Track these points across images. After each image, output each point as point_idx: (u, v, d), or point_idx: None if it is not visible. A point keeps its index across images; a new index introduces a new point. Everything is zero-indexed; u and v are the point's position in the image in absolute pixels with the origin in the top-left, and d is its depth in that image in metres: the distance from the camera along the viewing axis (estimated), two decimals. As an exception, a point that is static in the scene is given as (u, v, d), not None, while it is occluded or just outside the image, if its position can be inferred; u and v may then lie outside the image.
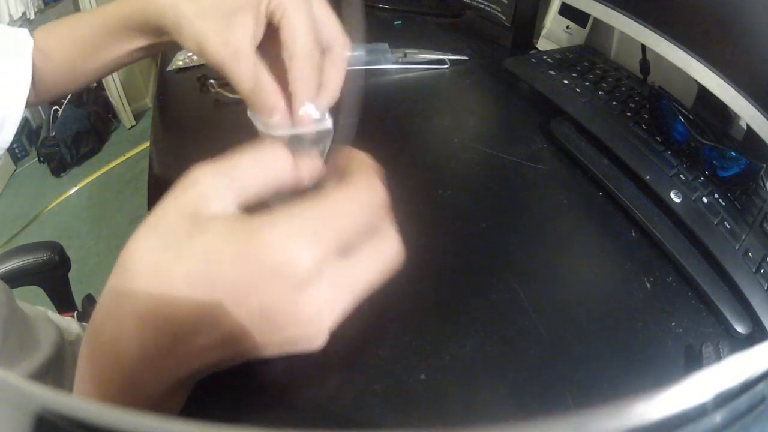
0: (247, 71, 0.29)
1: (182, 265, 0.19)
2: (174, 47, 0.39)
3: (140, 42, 0.38)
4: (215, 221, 0.20)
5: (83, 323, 0.55)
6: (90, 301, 0.61)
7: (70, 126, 1.92)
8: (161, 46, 0.38)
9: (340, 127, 0.32)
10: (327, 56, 0.32)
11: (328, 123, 0.32)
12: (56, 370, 0.41)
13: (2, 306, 0.37)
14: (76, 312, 0.61)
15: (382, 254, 0.22)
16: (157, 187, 0.42)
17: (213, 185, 0.21)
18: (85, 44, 0.39)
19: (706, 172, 0.39)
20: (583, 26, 0.60)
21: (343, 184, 0.22)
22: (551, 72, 0.50)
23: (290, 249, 0.19)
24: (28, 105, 0.41)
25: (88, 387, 0.20)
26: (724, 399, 0.10)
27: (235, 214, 0.21)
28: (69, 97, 1.94)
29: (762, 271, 0.33)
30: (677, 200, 0.36)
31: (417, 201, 0.36)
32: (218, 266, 0.19)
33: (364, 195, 0.22)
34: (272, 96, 0.29)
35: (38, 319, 0.44)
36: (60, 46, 0.40)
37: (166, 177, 0.43)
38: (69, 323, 0.52)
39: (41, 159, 1.92)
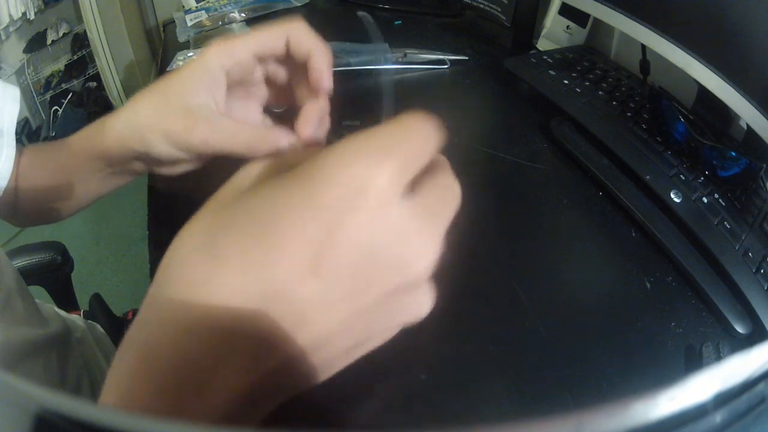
0: (230, 139, 0.29)
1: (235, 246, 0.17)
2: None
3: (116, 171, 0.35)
4: (259, 186, 0.18)
5: (89, 321, 0.56)
6: (98, 300, 0.61)
7: (70, 126, 1.92)
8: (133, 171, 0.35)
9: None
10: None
11: None
12: (60, 353, 0.42)
13: (10, 278, 0.37)
14: (82, 311, 0.62)
15: (450, 192, 0.20)
16: (157, 187, 0.42)
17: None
18: (61, 171, 0.36)
19: (706, 172, 0.39)
20: (583, 26, 0.60)
21: (401, 119, 0.19)
22: (551, 72, 0.50)
23: (363, 162, 0.16)
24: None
25: (119, 397, 0.17)
26: (724, 399, 0.10)
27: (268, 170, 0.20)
28: (69, 97, 1.94)
29: (762, 271, 0.33)
30: (677, 200, 0.36)
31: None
32: (285, 219, 0.16)
33: (426, 125, 0.19)
34: (268, 136, 0.29)
35: (46, 308, 0.45)
36: (40, 170, 0.37)
37: (165, 176, 0.43)
38: (75, 320, 0.52)
39: (41, 159, 1.92)
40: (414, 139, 0.18)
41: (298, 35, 0.29)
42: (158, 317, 0.17)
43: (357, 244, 0.16)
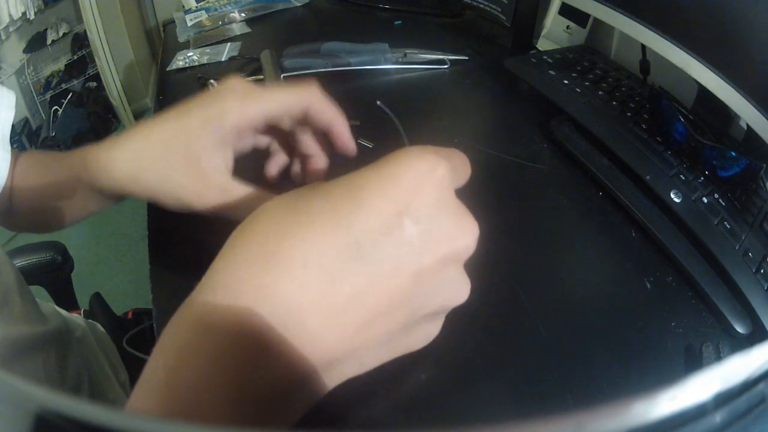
0: (237, 208, 0.29)
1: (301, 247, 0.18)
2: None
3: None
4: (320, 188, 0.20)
5: (89, 320, 0.56)
6: (98, 300, 0.61)
7: (70, 126, 1.92)
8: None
9: None
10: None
11: None
12: (60, 351, 0.42)
13: (8, 275, 0.38)
14: (83, 310, 0.62)
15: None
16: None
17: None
18: (56, 187, 0.35)
19: (706, 172, 0.39)
20: (583, 26, 0.60)
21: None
22: (551, 72, 0.50)
23: (430, 156, 0.20)
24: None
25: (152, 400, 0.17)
26: (724, 399, 0.10)
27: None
28: (69, 97, 1.94)
29: (762, 271, 0.33)
30: (677, 200, 0.36)
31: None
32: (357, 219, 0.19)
33: (466, 158, 0.24)
34: None
35: (45, 307, 0.45)
36: (34, 178, 0.36)
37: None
38: (75, 319, 0.52)
39: (41, 159, 1.92)
40: (459, 159, 0.23)
41: (318, 107, 0.30)
42: (227, 284, 0.18)
43: (422, 213, 0.20)
